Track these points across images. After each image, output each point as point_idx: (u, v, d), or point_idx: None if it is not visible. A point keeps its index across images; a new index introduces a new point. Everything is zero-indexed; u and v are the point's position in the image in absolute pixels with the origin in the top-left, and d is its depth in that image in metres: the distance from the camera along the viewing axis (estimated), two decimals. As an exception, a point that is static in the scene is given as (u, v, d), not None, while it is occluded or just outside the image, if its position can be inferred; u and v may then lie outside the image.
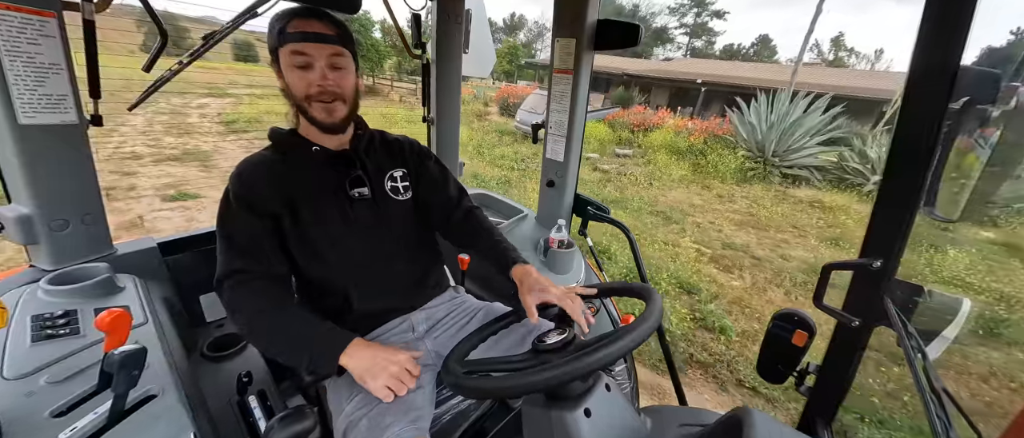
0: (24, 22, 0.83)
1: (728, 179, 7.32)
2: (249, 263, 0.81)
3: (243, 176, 0.84)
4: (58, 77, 0.89)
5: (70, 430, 0.60)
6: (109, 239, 1.09)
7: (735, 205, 6.01)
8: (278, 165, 0.87)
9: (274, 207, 0.84)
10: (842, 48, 49.31)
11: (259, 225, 0.82)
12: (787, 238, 4.90)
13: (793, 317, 0.84)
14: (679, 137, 8.92)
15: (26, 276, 0.96)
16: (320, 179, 0.88)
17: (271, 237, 0.84)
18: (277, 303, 0.80)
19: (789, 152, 7.62)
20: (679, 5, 47.82)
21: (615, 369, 1.28)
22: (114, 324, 0.66)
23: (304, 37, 0.77)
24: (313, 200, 0.87)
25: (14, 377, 0.68)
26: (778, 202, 6.32)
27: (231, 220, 0.82)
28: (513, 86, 16.13)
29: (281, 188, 0.84)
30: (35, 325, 0.79)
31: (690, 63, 21.86)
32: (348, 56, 0.83)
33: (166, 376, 0.73)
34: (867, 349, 0.79)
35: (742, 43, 56.07)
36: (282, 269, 0.85)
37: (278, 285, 0.84)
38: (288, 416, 0.72)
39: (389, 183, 0.96)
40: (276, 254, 0.84)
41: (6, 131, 0.86)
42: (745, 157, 7.79)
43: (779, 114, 7.80)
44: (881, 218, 0.72)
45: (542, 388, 0.57)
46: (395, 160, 1.00)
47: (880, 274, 0.72)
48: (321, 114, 0.82)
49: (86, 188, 1.00)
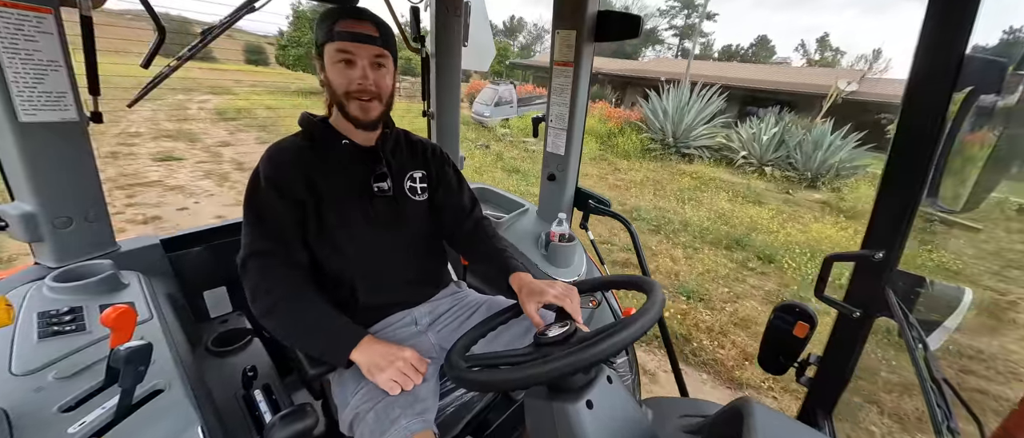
0: (21, 18, 0.82)
1: (631, 156, 8.77)
2: (274, 245, 0.83)
3: (273, 159, 0.87)
4: (57, 74, 0.89)
5: (79, 425, 0.61)
6: (112, 236, 1.09)
7: (624, 175, 7.46)
8: (307, 152, 0.89)
9: (299, 193, 0.86)
10: (828, 48, 51.98)
11: (285, 209, 0.84)
12: (648, 194, 6.33)
13: (794, 309, 0.84)
14: (602, 123, 10.28)
15: (31, 273, 0.96)
16: (346, 173, 0.90)
17: (295, 222, 0.86)
18: (297, 290, 0.82)
19: (687, 134, 9.07)
20: (669, 8, 48.71)
21: (616, 361, 1.29)
22: (119, 320, 0.67)
23: (352, 37, 0.81)
24: (336, 193, 0.89)
25: (22, 373, 0.69)
26: (662, 171, 7.90)
27: (259, 201, 0.85)
28: (480, 82, 16.40)
29: (308, 176, 0.87)
30: (41, 322, 0.80)
31: (664, 63, 23.51)
32: (389, 58, 0.86)
33: (172, 371, 0.74)
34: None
35: (740, 44, 58.12)
36: (303, 256, 0.87)
37: (299, 271, 0.85)
38: (290, 414, 0.73)
39: (408, 183, 0.98)
40: (299, 240, 0.87)
41: (7, 129, 0.86)
42: (649, 139, 9.33)
43: (675, 104, 9.26)
44: (883, 209, 0.71)
45: (544, 381, 0.57)
46: (416, 161, 1.02)
47: (882, 265, 0.72)
48: (358, 111, 0.85)
49: (88, 185, 1.01)
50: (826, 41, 51.79)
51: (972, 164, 0.71)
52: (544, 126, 1.54)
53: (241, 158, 6.44)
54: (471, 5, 1.63)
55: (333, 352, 0.79)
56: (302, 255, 0.87)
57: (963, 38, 0.57)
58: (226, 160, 6.33)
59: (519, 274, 0.91)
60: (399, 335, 0.96)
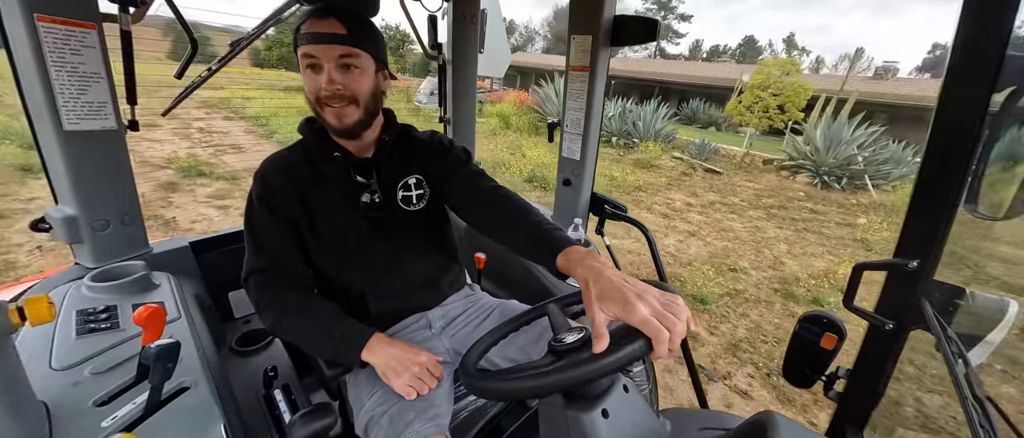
0: (68, 34, 0.88)
1: (522, 131, 10.74)
2: (271, 262, 0.84)
3: (264, 177, 0.86)
4: (99, 85, 0.95)
5: (111, 419, 0.63)
6: (145, 239, 1.14)
7: (500, 139, 9.71)
8: (300, 166, 0.87)
9: (292, 210, 0.85)
10: (794, 47, 55.92)
11: (279, 225, 0.84)
12: (503, 152, 8.21)
13: (821, 319, 0.81)
14: (510, 108, 12.63)
15: (71, 273, 1.02)
16: (336, 186, 0.88)
17: (291, 237, 0.86)
18: (299, 300, 0.83)
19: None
20: (647, 10, 50.21)
21: (633, 370, 1.27)
22: (150, 319, 0.70)
23: (311, 38, 0.74)
24: (327, 209, 0.87)
25: (61, 368, 0.72)
26: (529, 141, 9.52)
27: (253, 220, 0.86)
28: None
29: (300, 190, 0.86)
30: (79, 319, 0.84)
31: (626, 62, 25.58)
32: (363, 56, 0.78)
33: (198, 369, 0.76)
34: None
35: (728, 44, 63.72)
36: (302, 268, 0.88)
37: (300, 283, 0.86)
38: (310, 412, 0.74)
39: (401, 192, 0.93)
40: (297, 253, 0.87)
41: (52, 137, 0.92)
42: (540, 119, 11.03)
43: (557, 89, 10.72)
44: (917, 216, 0.68)
45: (559, 389, 0.56)
46: (413, 165, 0.95)
47: (916, 275, 0.68)
48: (331, 118, 0.80)
49: (125, 190, 1.06)
50: (792, 40, 55.99)
51: (1015, 168, 0.66)
52: (559, 131, 1.54)
53: (207, 128, 8.82)
54: (487, 12, 1.65)
55: (345, 354, 0.80)
56: (301, 268, 0.87)
57: (1003, 34, 0.54)
58: (193, 130, 8.51)
59: (576, 249, 0.67)
60: (413, 339, 0.96)
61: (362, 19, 0.79)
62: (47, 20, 0.85)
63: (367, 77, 0.81)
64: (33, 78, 0.87)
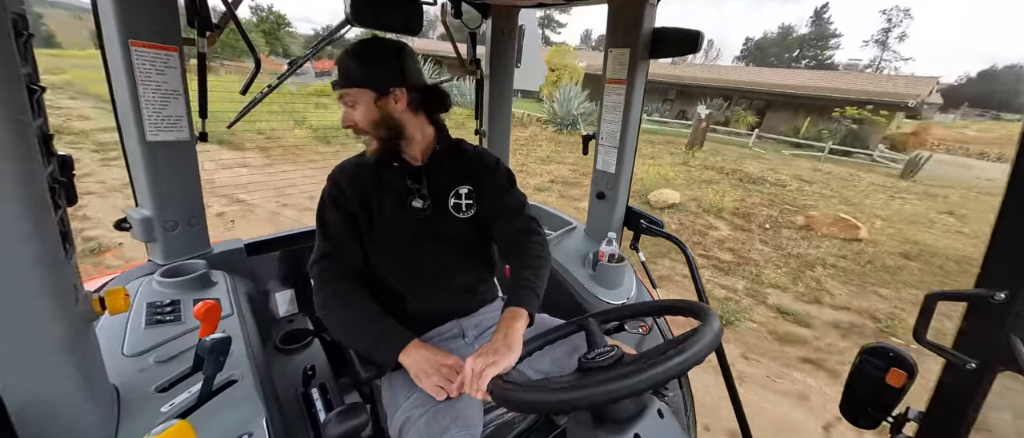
0: (154, 56, 0.99)
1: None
2: (333, 250, 0.93)
3: (336, 179, 0.97)
4: (177, 101, 1.06)
5: (169, 405, 0.69)
6: (207, 239, 1.25)
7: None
8: (365, 170, 0.97)
9: (353, 207, 0.94)
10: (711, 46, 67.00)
11: (343, 221, 0.94)
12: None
13: (887, 353, 0.72)
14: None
15: (145, 269, 1.13)
16: (391, 190, 0.96)
17: (352, 232, 0.94)
18: (350, 291, 0.90)
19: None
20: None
21: (669, 394, 1.20)
22: (208, 314, 0.76)
23: (333, 85, 0.91)
24: (382, 209, 0.95)
25: (131, 354, 0.80)
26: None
27: (323, 215, 0.96)
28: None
29: (362, 192, 0.95)
30: (149, 311, 0.92)
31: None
32: (354, 92, 0.88)
33: (246, 364, 0.81)
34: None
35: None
36: (358, 262, 0.95)
37: (354, 275, 0.93)
38: (344, 412, 0.77)
39: (453, 200, 1.00)
40: (356, 247, 0.95)
41: (137, 147, 1.04)
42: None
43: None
44: (1005, 241, 0.60)
45: (583, 405, 0.54)
46: (461, 177, 1.01)
47: (1005, 308, 0.60)
48: (363, 145, 0.94)
49: (193, 195, 1.17)
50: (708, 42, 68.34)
51: None
52: (594, 143, 1.52)
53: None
54: (525, 28, 1.68)
55: (381, 352, 0.84)
56: (357, 261, 0.94)
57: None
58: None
59: (511, 310, 0.82)
60: (447, 347, 0.97)
61: (359, 56, 0.88)
62: (139, 45, 0.96)
63: (362, 108, 0.89)
64: (125, 95, 0.99)
